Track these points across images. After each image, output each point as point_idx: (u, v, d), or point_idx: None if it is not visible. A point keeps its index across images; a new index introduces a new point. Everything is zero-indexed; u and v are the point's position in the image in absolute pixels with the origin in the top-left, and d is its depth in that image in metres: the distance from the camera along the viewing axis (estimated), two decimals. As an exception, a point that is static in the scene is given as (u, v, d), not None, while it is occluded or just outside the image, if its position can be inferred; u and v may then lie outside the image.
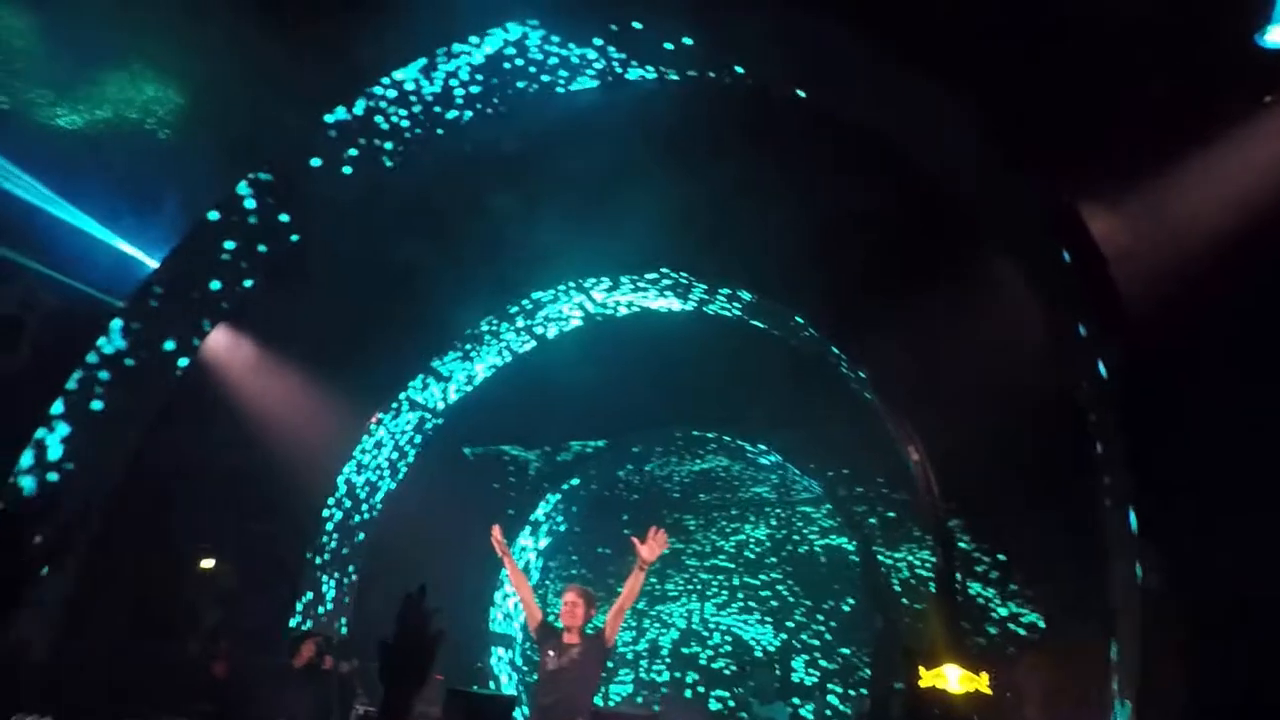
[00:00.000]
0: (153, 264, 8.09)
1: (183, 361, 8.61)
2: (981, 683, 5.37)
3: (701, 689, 12.31)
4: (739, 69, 7.60)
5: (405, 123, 8.36)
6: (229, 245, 8.41)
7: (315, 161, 8.36)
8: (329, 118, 8.09)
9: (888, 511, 9.56)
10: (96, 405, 8.02)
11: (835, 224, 7.91)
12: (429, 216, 8.79)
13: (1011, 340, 7.00)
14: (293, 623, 9.93)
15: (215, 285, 8.57)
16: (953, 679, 5.35)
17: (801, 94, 7.42)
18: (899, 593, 8.59)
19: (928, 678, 5.46)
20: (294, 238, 8.70)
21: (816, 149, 7.64)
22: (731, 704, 11.88)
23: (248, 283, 8.74)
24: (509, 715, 5.98)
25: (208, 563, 9.29)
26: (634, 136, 7.84)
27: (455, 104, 8.31)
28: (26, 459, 7.63)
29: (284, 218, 8.57)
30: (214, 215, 8.22)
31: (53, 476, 7.78)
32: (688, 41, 7.48)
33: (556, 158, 8.18)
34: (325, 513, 10.46)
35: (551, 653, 5.98)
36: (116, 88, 7.79)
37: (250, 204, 8.36)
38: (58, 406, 7.81)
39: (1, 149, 7.42)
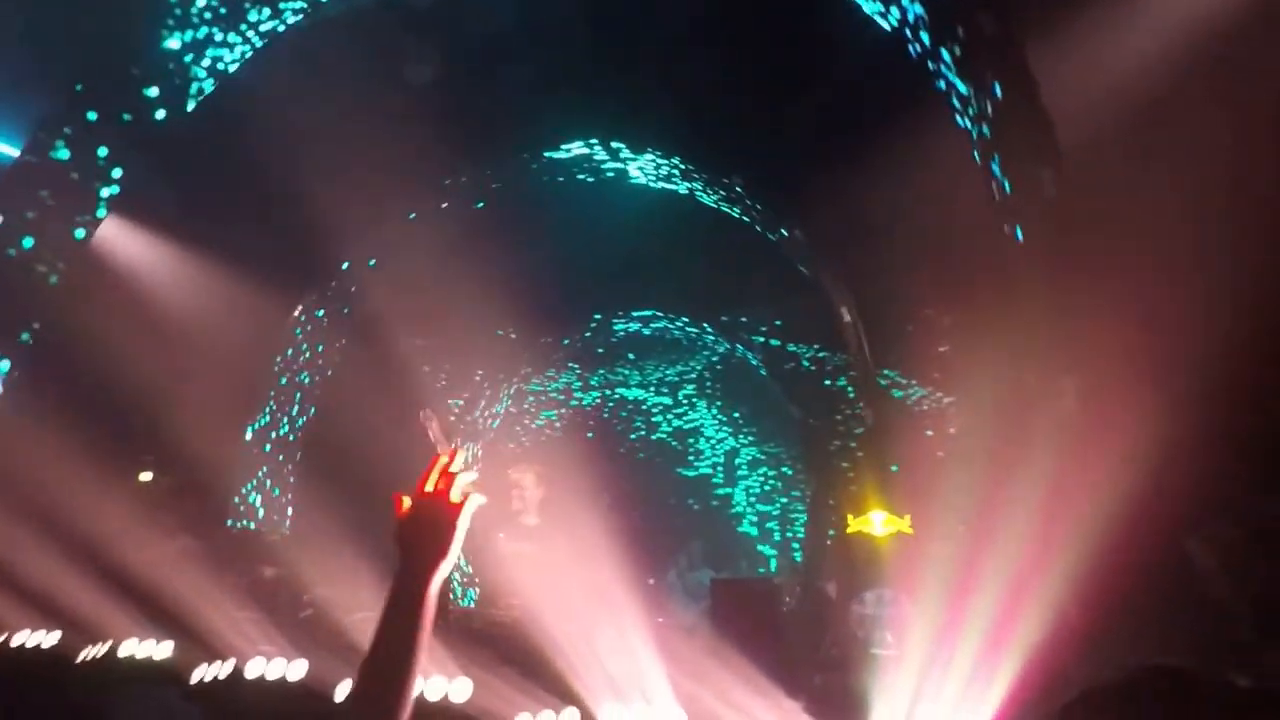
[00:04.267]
0: (13, 152, 7.43)
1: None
2: (904, 524, 5.44)
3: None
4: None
5: None
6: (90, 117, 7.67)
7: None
8: None
9: (823, 377, 9.56)
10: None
11: (767, 88, 7.57)
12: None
13: (945, 194, 6.83)
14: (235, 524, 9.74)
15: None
16: (877, 523, 5.42)
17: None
18: (833, 451, 8.70)
19: (854, 524, 5.52)
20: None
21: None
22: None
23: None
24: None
25: (145, 475, 8.97)
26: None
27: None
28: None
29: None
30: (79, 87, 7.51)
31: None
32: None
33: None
34: (259, 415, 10.16)
35: (502, 535, 6.03)
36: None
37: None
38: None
39: None
